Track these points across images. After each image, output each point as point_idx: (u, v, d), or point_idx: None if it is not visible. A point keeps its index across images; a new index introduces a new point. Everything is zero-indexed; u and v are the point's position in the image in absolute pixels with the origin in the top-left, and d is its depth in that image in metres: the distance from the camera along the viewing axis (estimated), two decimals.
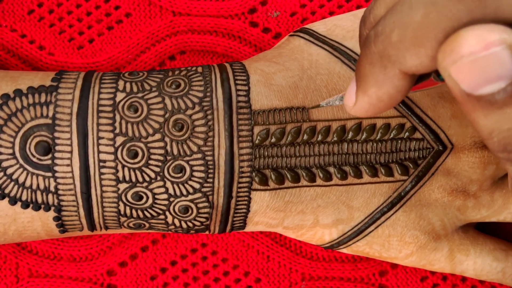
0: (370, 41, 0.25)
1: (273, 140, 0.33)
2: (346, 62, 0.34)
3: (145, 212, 0.33)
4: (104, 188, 0.32)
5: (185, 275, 0.39)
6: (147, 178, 0.32)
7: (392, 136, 0.33)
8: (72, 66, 0.40)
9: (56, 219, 0.33)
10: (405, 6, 0.23)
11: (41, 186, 0.32)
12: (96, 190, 0.32)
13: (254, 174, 0.33)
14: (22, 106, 0.32)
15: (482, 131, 0.23)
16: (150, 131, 0.32)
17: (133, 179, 0.32)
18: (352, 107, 0.27)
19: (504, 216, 0.36)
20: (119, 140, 0.32)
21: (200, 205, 0.33)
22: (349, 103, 0.27)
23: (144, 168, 0.32)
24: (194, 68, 0.34)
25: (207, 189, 0.33)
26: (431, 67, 0.23)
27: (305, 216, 0.34)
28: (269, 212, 0.34)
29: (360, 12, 0.37)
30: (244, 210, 0.34)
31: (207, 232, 0.35)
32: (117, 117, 0.32)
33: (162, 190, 0.32)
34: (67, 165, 0.32)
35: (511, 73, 0.21)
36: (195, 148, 0.32)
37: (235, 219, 0.34)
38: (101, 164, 0.32)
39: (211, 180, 0.32)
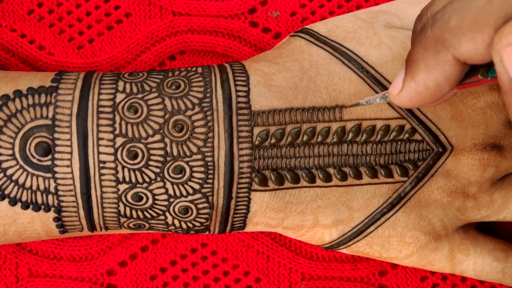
0: (427, 27, 0.25)
1: (273, 141, 0.33)
2: (346, 63, 0.34)
3: (145, 213, 0.33)
4: (104, 189, 0.32)
5: (185, 275, 0.40)
6: (147, 179, 0.32)
7: (391, 137, 0.33)
8: (72, 66, 0.40)
9: (56, 219, 0.33)
10: None
11: (41, 187, 0.32)
12: (96, 191, 0.32)
13: (253, 174, 0.33)
14: (22, 107, 0.32)
15: None
16: (150, 132, 0.32)
17: (133, 180, 0.32)
18: (397, 94, 0.27)
19: (504, 215, 0.36)
20: (119, 141, 0.32)
21: (200, 205, 0.33)
22: (394, 91, 0.28)
23: (144, 169, 0.32)
24: (194, 69, 0.34)
25: (207, 189, 0.33)
26: (485, 55, 0.23)
27: (305, 216, 0.34)
28: (269, 213, 0.34)
29: (361, 12, 0.37)
30: (244, 211, 0.34)
31: (207, 233, 0.35)
32: (117, 118, 0.32)
33: (162, 190, 0.32)
34: (67, 166, 0.32)
35: None
36: (195, 149, 0.32)
37: (235, 219, 0.34)
38: (101, 165, 0.32)
39: (211, 181, 0.32)
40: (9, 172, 0.32)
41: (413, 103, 0.27)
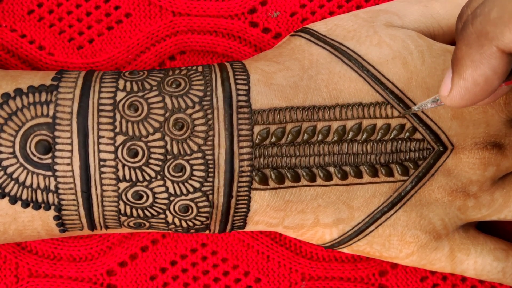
0: (468, 24, 0.26)
1: (273, 139, 0.33)
2: (346, 62, 0.34)
3: (145, 211, 0.33)
4: (105, 187, 0.32)
5: (185, 275, 0.39)
6: (147, 177, 0.32)
7: (392, 136, 0.33)
8: (72, 66, 0.40)
9: (56, 218, 0.33)
10: None
11: (41, 185, 0.32)
12: (96, 189, 0.32)
13: (254, 173, 0.33)
14: (23, 105, 0.32)
15: None
16: (150, 130, 0.32)
17: (134, 178, 0.32)
18: (448, 95, 0.27)
19: (504, 214, 0.36)
20: (120, 139, 0.32)
21: (200, 204, 0.33)
22: (444, 92, 0.28)
23: (144, 167, 0.32)
24: (194, 68, 0.34)
25: (207, 188, 0.33)
26: None
27: (306, 215, 0.34)
28: (269, 212, 0.34)
29: (361, 12, 0.37)
30: (244, 210, 0.34)
31: (207, 232, 0.35)
32: (118, 116, 0.32)
33: (162, 189, 0.32)
34: (68, 164, 0.32)
35: None
36: (195, 147, 0.32)
37: (235, 218, 0.34)
38: (102, 163, 0.32)
39: (211, 179, 0.32)
40: (9, 170, 0.32)
41: (465, 101, 0.27)
